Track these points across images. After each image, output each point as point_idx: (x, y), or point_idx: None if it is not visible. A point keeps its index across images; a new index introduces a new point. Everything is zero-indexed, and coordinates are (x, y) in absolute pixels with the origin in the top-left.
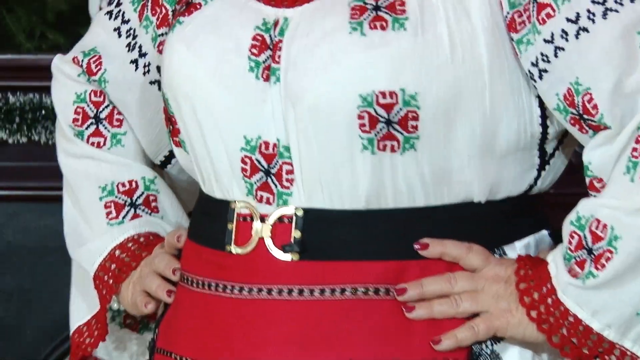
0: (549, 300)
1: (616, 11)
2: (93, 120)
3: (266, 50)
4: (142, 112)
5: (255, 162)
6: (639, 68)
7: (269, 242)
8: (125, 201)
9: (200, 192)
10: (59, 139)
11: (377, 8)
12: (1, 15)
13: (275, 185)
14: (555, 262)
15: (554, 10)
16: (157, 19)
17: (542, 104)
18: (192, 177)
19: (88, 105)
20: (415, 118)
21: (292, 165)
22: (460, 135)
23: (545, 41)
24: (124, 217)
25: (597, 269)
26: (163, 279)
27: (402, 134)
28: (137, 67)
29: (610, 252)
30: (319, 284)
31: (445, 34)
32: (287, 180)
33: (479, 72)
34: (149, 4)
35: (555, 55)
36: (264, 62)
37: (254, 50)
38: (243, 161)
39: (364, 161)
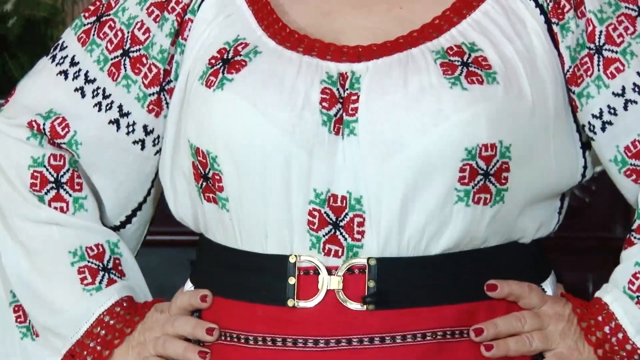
0: (614, 340)
1: None
2: (54, 185)
3: (336, 104)
4: (116, 173)
5: (324, 215)
6: None
7: (340, 294)
8: (98, 266)
9: (222, 249)
10: (10, 202)
11: (465, 64)
12: (4, 61)
13: (345, 238)
14: (619, 301)
15: (623, 65)
16: (145, 78)
17: (584, 155)
18: (140, 234)
19: (47, 170)
20: (507, 169)
21: (363, 217)
22: (532, 184)
23: (615, 94)
24: (100, 282)
25: None
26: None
27: (495, 186)
28: (118, 127)
29: None
30: (399, 331)
31: (527, 87)
32: (358, 232)
33: (548, 124)
34: (127, 63)
35: (625, 108)
36: (335, 115)
37: (325, 104)
38: (311, 214)
39: (456, 213)
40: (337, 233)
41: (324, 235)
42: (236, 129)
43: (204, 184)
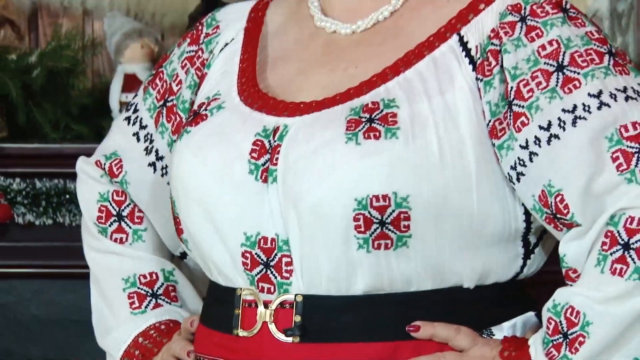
0: None
1: (584, 118)
2: (116, 218)
3: (265, 154)
4: (160, 210)
5: (255, 256)
6: (606, 170)
7: (272, 326)
8: (147, 292)
9: (210, 280)
10: (84, 234)
11: (370, 120)
12: (29, 109)
13: (275, 277)
14: (535, 345)
15: (527, 119)
16: (172, 126)
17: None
18: None
19: (111, 204)
20: (407, 218)
21: (291, 257)
22: (449, 231)
23: (521, 147)
24: (146, 307)
25: (571, 352)
26: None
27: (395, 233)
28: (155, 170)
29: (583, 336)
30: None
31: (435, 141)
32: (287, 271)
33: (466, 175)
34: (164, 111)
35: (530, 160)
36: (263, 164)
37: (254, 155)
38: (244, 256)
39: (360, 259)
40: (269, 272)
41: (256, 274)
42: (181, 177)
43: (176, 227)
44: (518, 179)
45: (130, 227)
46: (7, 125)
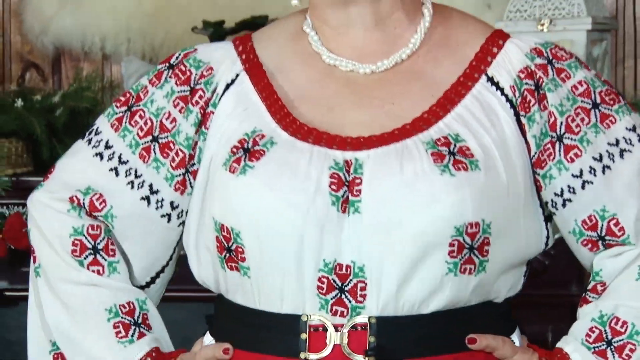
0: None
1: (630, 151)
2: (91, 251)
3: (343, 186)
4: (145, 241)
5: (332, 281)
6: None
7: (345, 348)
8: (130, 321)
9: (241, 309)
10: (53, 268)
11: (452, 153)
12: (52, 145)
13: (349, 301)
14: (579, 351)
15: (580, 151)
16: (172, 161)
17: (547, 227)
18: (161, 292)
19: (86, 238)
20: (488, 243)
21: (365, 283)
22: (506, 254)
23: (574, 176)
24: (132, 335)
25: (622, 358)
26: None
27: (478, 258)
28: (149, 203)
29: (634, 344)
30: None
31: (502, 172)
32: (361, 295)
33: (519, 202)
34: (156, 147)
35: (583, 188)
36: (342, 196)
37: (333, 187)
38: (320, 280)
39: (446, 282)
40: (343, 296)
41: (331, 298)
42: (257, 209)
43: (227, 255)
44: (564, 205)
45: (105, 260)
46: (31, 160)
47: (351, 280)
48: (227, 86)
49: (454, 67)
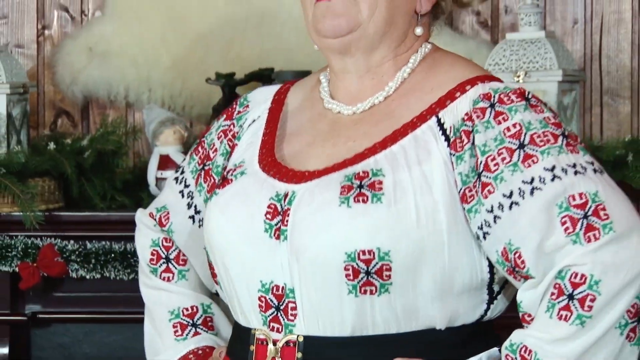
0: None
1: (540, 189)
2: (164, 260)
3: (277, 216)
4: (198, 255)
5: (269, 300)
6: (556, 233)
7: None
8: (188, 322)
9: (234, 319)
10: (140, 274)
11: (360, 186)
12: (81, 184)
13: (283, 319)
14: None
15: (493, 188)
16: (208, 186)
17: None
18: None
19: (160, 249)
20: (389, 269)
21: (295, 304)
22: (424, 281)
23: (487, 211)
24: (186, 335)
25: None
26: None
27: (378, 281)
28: (194, 222)
29: None
30: None
31: (412, 205)
32: (292, 314)
33: (439, 234)
34: (203, 174)
35: (494, 222)
36: (275, 225)
37: (268, 216)
38: (260, 299)
39: (349, 302)
40: (278, 314)
41: (269, 315)
42: (212, 231)
43: (211, 271)
44: (484, 237)
45: (176, 268)
46: (62, 197)
47: (284, 300)
48: (253, 122)
49: (417, 108)
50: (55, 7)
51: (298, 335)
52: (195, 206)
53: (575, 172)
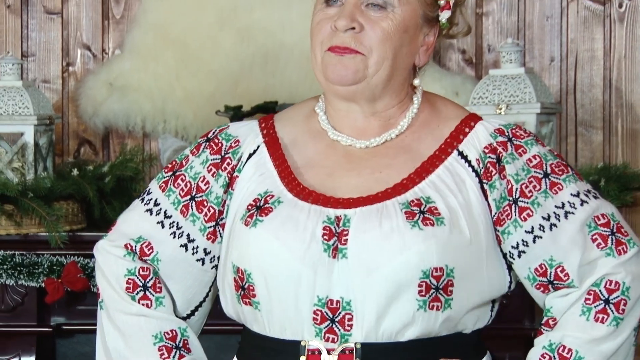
0: None
1: (573, 213)
2: (142, 288)
3: (333, 237)
4: (184, 280)
5: (325, 313)
6: (592, 248)
7: None
8: (172, 345)
9: (257, 336)
10: (110, 300)
11: (422, 212)
12: (102, 207)
13: (339, 330)
14: None
15: (532, 212)
16: (205, 216)
17: (509, 273)
18: (201, 323)
19: (137, 277)
20: (452, 285)
21: (351, 315)
22: (468, 295)
23: (526, 232)
24: (173, 357)
25: None
26: None
27: (444, 297)
28: (186, 249)
29: None
30: None
31: (465, 228)
32: (349, 325)
33: (481, 252)
34: (193, 204)
35: (534, 242)
36: (332, 244)
37: (325, 237)
38: (315, 313)
39: (418, 317)
40: (334, 326)
41: (324, 327)
42: (264, 255)
43: (242, 292)
44: (519, 256)
45: (153, 295)
46: (85, 218)
47: (340, 312)
48: (250, 155)
49: (433, 143)
50: (78, 46)
51: (355, 343)
52: (188, 235)
53: (595, 197)
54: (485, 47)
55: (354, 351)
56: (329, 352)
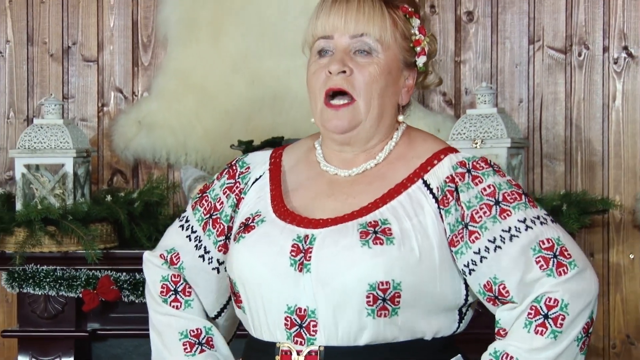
0: None
1: (517, 236)
2: (173, 292)
3: (300, 253)
4: (206, 286)
5: (294, 320)
6: (533, 269)
7: None
8: (195, 341)
9: (251, 337)
10: (150, 302)
11: (375, 232)
12: (132, 228)
13: (305, 334)
14: None
15: (479, 235)
16: (217, 231)
17: (466, 287)
18: (232, 324)
19: (169, 283)
20: (399, 296)
21: (316, 322)
22: (421, 305)
23: (474, 252)
24: (195, 351)
25: None
26: None
27: (391, 306)
28: (204, 260)
29: None
30: None
31: (416, 247)
32: (313, 331)
33: (434, 269)
34: (210, 222)
35: (481, 261)
36: (299, 260)
37: (292, 254)
38: (286, 319)
39: (368, 323)
40: (302, 331)
41: (294, 332)
42: (242, 267)
43: (234, 297)
44: (470, 273)
45: (182, 298)
46: (117, 238)
47: (306, 319)
48: (255, 180)
49: (405, 172)
50: (112, 89)
51: (319, 346)
52: (205, 247)
53: (541, 223)
54: (462, 90)
55: (318, 353)
56: (298, 353)
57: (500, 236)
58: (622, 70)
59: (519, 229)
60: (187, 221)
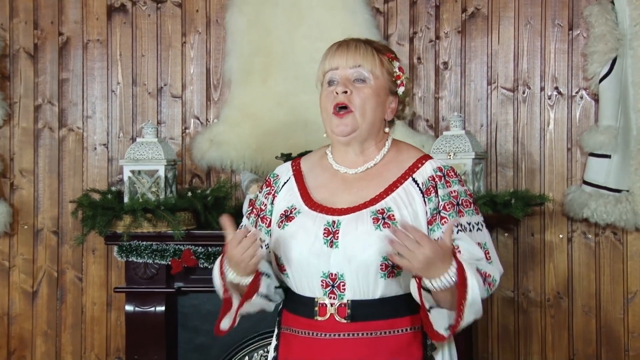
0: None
1: (463, 231)
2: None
3: (330, 235)
4: (270, 266)
5: (327, 282)
6: (482, 259)
7: (336, 316)
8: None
9: (293, 292)
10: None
11: (383, 218)
12: (206, 215)
13: (337, 291)
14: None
15: (447, 220)
16: (266, 224)
17: None
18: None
19: None
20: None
21: (344, 283)
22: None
23: (442, 232)
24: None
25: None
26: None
27: (396, 270)
28: (261, 246)
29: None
30: (360, 331)
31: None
32: (343, 289)
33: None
34: (259, 220)
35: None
36: (329, 240)
37: (325, 235)
38: (322, 282)
39: (380, 283)
40: (334, 289)
41: (328, 290)
42: (287, 250)
43: (278, 267)
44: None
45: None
46: (195, 222)
47: (337, 281)
48: (284, 183)
49: (397, 172)
50: (191, 117)
51: (347, 300)
52: (260, 238)
53: (478, 229)
54: (440, 118)
55: (347, 304)
56: (331, 304)
57: (468, 223)
58: (554, 104)
59: (465, 227)
60: (244, 226)
